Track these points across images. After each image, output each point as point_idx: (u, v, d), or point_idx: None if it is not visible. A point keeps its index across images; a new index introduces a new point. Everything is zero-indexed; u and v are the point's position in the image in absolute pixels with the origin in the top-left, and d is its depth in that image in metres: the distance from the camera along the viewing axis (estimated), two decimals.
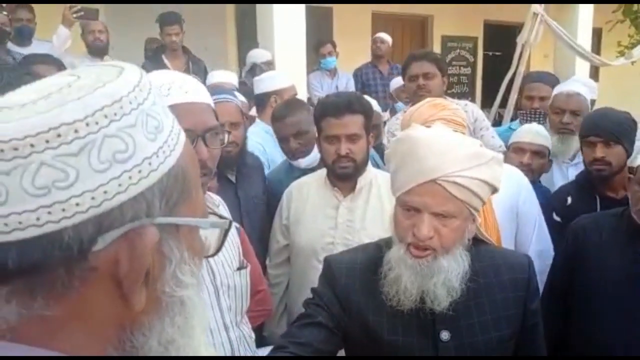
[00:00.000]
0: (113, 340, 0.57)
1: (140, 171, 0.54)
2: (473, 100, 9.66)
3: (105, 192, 0.51)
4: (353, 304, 1.41)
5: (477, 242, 1.44)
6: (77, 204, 0.50)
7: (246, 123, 2.63)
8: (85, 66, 0.61)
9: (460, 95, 9.55)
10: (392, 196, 2.12)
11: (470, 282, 1.35)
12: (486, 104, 7.53)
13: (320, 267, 2.09)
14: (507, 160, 2.75)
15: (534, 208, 2.32)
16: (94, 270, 0.52)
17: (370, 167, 2.23)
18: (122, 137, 0.53)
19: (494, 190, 1.35)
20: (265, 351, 1.50)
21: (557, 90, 3.06)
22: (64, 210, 0.50)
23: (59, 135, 0.50)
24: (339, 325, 1.42)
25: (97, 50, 4.55)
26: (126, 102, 0.54)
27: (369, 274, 1.42)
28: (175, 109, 1.22)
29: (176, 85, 1.33)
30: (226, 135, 1.49)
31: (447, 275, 1.31)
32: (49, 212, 0.50)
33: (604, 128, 2.33)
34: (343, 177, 2.16)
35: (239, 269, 1.58)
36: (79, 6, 4.17)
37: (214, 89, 2.50)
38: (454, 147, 1.29)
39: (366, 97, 2.95)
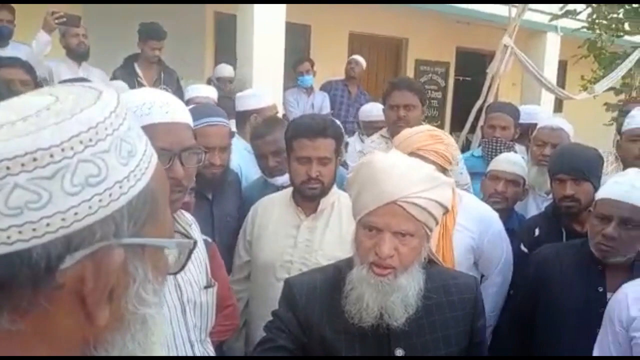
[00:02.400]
0: (77, 355, 0.59)
1: (110, 194, 0.55)
2: (442, 123, 9.92)
3: (75, 213, 0.53)
4: (313, 324, 1.48)
5: (428, 263, 1.54)
6: (48, 224, 0.52)
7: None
8: (64, 86, 0.63)
9: (430, 119, 9.78)
10: (352, 219, 2.21)
11: (424, 300, 1.45)
12: (455, 128, 7.75)
13: (278, 284, 2.11)
14: (483, 187, 2.84)
15: (498, 251, 2.35)
16: (60, 288, 0.54)
17: (334, 189, 2.28)
18: (96, 162, 0.55)
19: (446, 210, 1.47)
20: None
21: (541, 124, 3.18)
22: (34, 230, 0.52)
23: (34, 160, 0.52)
24: (300, 346, 1.49)
25: (78, 55, 4.49)
26: (102, 128, 0.56)
27: (329, 294, 1.50)
28: (154, 127, 1.32)
29: (157, 104, 1.36)
30: (203, 156, 1.52)
31: (406, 292, 1.40)
32: (20, 232, 0.51)
33: (573, 166, 2.37)
34: (310, 198, 2.22)
35: (207, 287, 1.59)
36: (62, 12, 4.15)
37: (205, 110, 2.51)
38: (412, 171, 1.41)
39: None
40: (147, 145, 0.62)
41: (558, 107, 9.88)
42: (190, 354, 1.48)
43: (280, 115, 4.65)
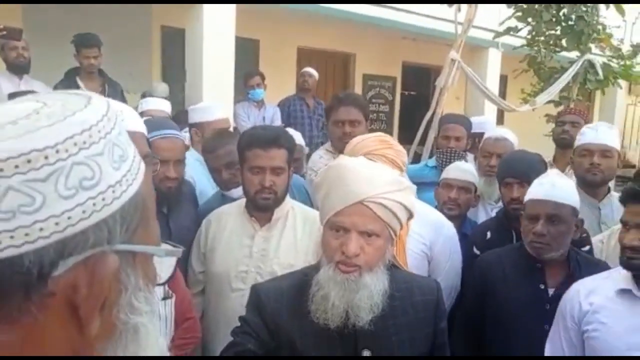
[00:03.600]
0: None
1: (104, 199, 0.54)
2: (391, 136, 10.07)
3: (69, 217, 0.52)
4: (281, 327, 1.49)
5: (392, 267, 1.57)
6: (41, 229, 0.50)
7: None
8: (49, 93, 0.62)
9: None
10: (306, 227, 2.25)
11: (389, 301, 1.48)
12: (404, 141, 7.85)
13: (233, 295, 2.16)
14: (436, 195, 2.91)
15: (445, 257, 2.40)
16: (52, 296, 0.52)
17: (287, 199, 2.29)
18: (90, 165, 0.54)
19: (410, 215, 1.52)
20: None
21: (486, 135, 3.30)
22: (27, 234, 0.50)
23: (28, 161, 0.50)
24: (268, 350, 1.49)
25: (18, 68, 4.38)
26: (95, 131, 0.55)
27: (296, 297, 1.51)
28: None
29: None
30: (158, 165, 1.51)
31: (371, 291, 1.43)
32: (12, 237, 0.49)
33: (519, 170, 2.50)
34: (263, 208, 2.21)
35: (164, 299, 1.60)
36: (2, 26, 4.00)
37: (159, 122, 2.47)
38: (378, 174, 1.47)
39: (291, 130, 3.03)
40: (135, 151, 0.62)
41: (500, 119, 10.25)
42: None
43: (231, 129, 4.62)
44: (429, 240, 2.32)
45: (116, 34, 5.56)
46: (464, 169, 2.94)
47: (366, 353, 1.47)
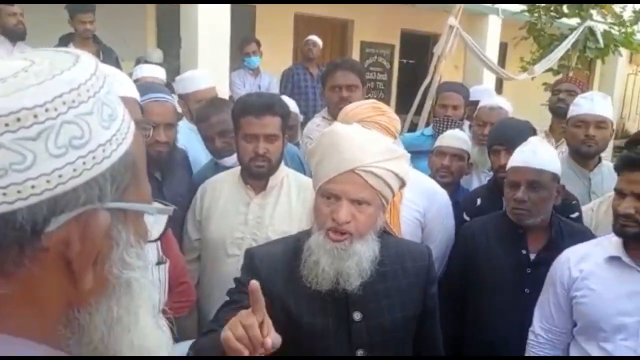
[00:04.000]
0: (62, 319, 0.60)
1: (94, 157, 0.56)
2: (388, 105, 10.01)
3: (60, 176, 0.53)
4: (275, 290, 1.50)
5: (384, 234, 1.59)
6: (33, 187, 0.52)
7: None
8: (36, 50, 0.62)
9: None
10: (300, 194, 2.26)
11: (379, 267, 1.50)
12: (401, 110, 7.82)
13: (229, 260, 2.18)
14: (430, 163, 2.92)
15: (438, 225, 2.41)
16: (46, 251, 0.54)
17: (282, 167, 2.30)
18: (79, 124, 0.55)
19: (402, 183, 1.53)
20: (181, 346, 1.52)
21: (481, 104, 3.27)
22: (19, 192, 0.51)
23: (18, 120, 0.51)
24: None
25: (15, 35, 4.34)
26: (84, 90, 0.56)
27: (289, 262, 1.53)
28: None
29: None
30: (151, 131, 1.50)
31: (360, 258, 1.45)
32: (4, 194, 0.51)
33: (506, 137, 2.48)
34: (257, 176, 2.22)
35: (158, 263, 1.60)
36: None
37: (148, 86, 2.45)
38: (371, 142, 1.47)
39: (285, 97, 3.01)
40: (125, 111, 0.63)
41: (498, 88, 10.18)
42: None
43: (227, 97, 4.58)
44: (423, 208, 2.33)
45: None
46: (457, 137, 2.95)
47: (357, 316, 1.50)
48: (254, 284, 1.11)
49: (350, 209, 1.43)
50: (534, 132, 2.59)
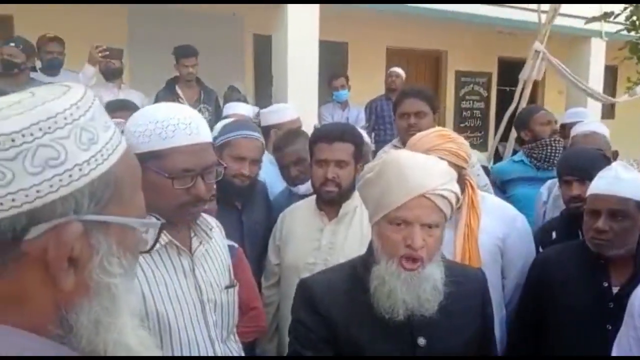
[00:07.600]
0: (53, 318, 0.66)
1: (71, 175, 0.63)
2: (486, 133, 9.79)
3: (38, 191, 0.61)
4: (337, 319, 1.53)
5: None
6: (13, 200, 0.60)
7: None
8: (44, 85, 0.73)
9: (473, 129, 9.70)
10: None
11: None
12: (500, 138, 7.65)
13: None
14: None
15: (517, 253, 2.30)
16: (25, 255, 0.62)
17: (355, 195, 2.32)
18: (55, 147, 0.63)
19: (458, 200, 1.54)
20: None
21: (574, 132, 3.17)
22: (1, 204, 0.60)
23: None
24: (328, 342, 1.53)
25: (110, 74, 4.71)
26: (61, 118, 0.64)
27: (349, 291, 1.55)
28: (179, 150, 1.44)
29: (181, 127, 1.45)
30: (222, 169, 1.58)
31: (435, 281, 1.46)
32: None
33: (578, 167, 2.43)
34: (328, 201, 2.31)
35: (228, 287, 1.65)
36: (105, 46, 4.44)
37: (241, 123, 2.64)
38: (432, 165, 1.49)
39: (360, 129, 3.09)
40: (113, 135, 0.70)
41: (610, 113, 9.59)
42: (210, 351, 1.54)
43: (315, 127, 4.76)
44: (503, 233, 2.27)
45: (211, 45, 5.93)
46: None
47: (422, 341, 1.49)
48: None
49: (421, 234, 1.43)
50: (607, 161, 2.47)
